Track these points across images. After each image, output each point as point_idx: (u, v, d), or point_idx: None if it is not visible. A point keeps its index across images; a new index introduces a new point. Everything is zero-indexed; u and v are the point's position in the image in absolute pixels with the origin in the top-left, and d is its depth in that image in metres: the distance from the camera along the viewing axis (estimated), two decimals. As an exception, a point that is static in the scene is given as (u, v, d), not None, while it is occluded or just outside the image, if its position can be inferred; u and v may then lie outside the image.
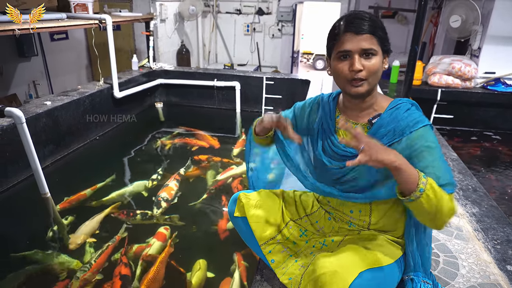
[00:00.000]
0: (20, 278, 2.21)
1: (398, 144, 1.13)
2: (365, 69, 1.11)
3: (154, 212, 2.82)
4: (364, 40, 1.10)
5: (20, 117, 2.70)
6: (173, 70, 5.49)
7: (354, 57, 1.11)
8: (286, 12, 6.98)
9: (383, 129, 1.16)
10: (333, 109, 1.31)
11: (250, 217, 1.40)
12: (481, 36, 4.68)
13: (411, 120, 1.14)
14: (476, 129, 4.81)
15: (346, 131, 1.20)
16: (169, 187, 3.14)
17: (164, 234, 2.62)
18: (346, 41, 1.11)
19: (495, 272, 1.55)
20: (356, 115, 1.25)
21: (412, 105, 1.21)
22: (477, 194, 2.22)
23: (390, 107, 1.20)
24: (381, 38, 1.13)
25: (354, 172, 1.22)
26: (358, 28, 1.10)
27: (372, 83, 1.15)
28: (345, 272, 1.08)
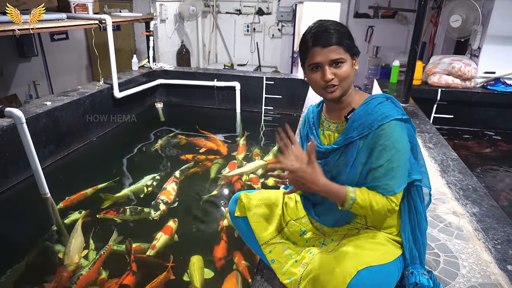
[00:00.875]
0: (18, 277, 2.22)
1: (365, 137, 1.21)
2: (336, 76, 1.20)
3: (153, 215, 2.78)
4: (331, 51, 1.18)
5: (20, 117, 2.70)
6: (173, 70, 5.49)
7: (324, 68, 1.20)
8: (286, 12, 6.98)
9: (356, 122, 1.24)
10: (317, 115, 1.42)
11: (250, 217, 1.41)
12: (481, 36, 4.67)
13: (380, 114, 1.19)
14: (476, 129, 4.81)
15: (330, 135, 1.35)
16: (167, 191, 3.08)
17: (171, 227, 2.64)
18: (315, 54, 1.20)
19: (496, 272, 1.55)
20: (338, 115, 1.32)
21: (387, 99, 1.26)
22: (477, 194, 2.22)
23: (363, 102, 1.27)
24: (347, 46, 1.21)
25: (335, 169, 1.30)
26: (324, 42, 1.18)
27: (345, 86, 1.23)
28: (343, 271, 1.08)
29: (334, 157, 1.30)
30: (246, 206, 1.43)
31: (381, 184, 1.18)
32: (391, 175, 1.17)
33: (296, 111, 5.12)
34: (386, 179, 1.17)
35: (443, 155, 2.79)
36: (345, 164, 1.26)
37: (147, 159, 3.93)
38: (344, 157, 1.27)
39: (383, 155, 1.17)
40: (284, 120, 5.18)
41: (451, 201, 2.15)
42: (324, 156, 1.32)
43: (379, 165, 1.18)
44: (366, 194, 1.18)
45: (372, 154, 1.20)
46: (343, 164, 1.27)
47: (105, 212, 2.82)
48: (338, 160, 1.29)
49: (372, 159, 1.19)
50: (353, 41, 1.25)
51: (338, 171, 1.29)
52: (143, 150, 4.13)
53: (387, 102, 1.24)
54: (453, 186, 2.32)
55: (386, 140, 1.17)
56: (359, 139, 1.22)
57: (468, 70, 4.54)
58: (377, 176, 1.18)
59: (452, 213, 2.02)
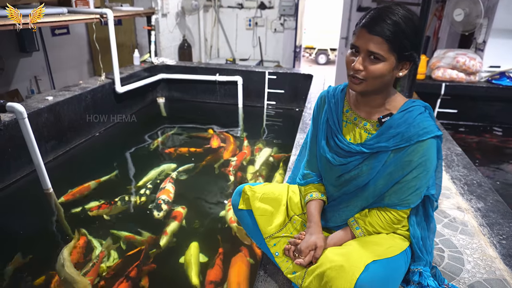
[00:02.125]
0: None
1: (401, 150, 1.14)
2: (366, 70, 1.10)
3: (156, 216, 2.72)
4: (373, 42, 1.07)
5: (22, 113, 2.69)
6: (175, 65, 5.46)
7: (360, 55, 1.10)
8: (289, 6, 6.92)
9: (393, 130, 1.16)
10: (340, 102, 1.30)
11: (255, 209, 1.39)
12: (486, 29, 4.62)
13: (421, 128, 1.12)
14: (480, 124, 4.78)
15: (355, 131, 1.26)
16: (166, 190, 3.02)
17: (181, 213, 2.77)
18: (359, 36, 1.10)
19: (501, 267, 1.54)
20: (368, 112, 1.24)
21: (426, 108, 1.19)
22: (482, 189, 2.20)
23: (402, 108, 1.18)
24: (396, 45, 1.07)
25: (357, 170, 1.22)
26: (372, 27, 1.06)
27: (372, 85, 1.12)
28: (351, 266, 1.07)
29: (357, 159, 1.22)
30: (250, 199, 1.41)
31: (401, 198, 1.18)
32: (415, 192, 1.17)
33: (299, 106, 5.09)
34: (407, 194, 1.17)
35: (447, 150, 2.77)
36: (369, 169, 1.20)
37: (148, 154, 3.92)
38: (370, 162, 1.20)
39: (413, 172, 1.15)
40: (286, 115, 5.15)
41: (456, 196, 2.13)
42: (346, 155, 1.24)
43: (406, 181, 1.16)
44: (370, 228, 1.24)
45: (401, 167, 1.15)
46: (366, 169, 1.21)
47: (97, 207, 2.80)
48: (362, 164, 1.22)
49: (400, 173, 1.16)
50: (414, 46, 1.10)
51: (357, 174, 1.23)
52: (144, 145, 4.12)
53: (426, 114, 1.17)
54: (458, 181, 2.30)
55: (421, 158, 1.13)
56: (393, 150, 1.16)
57: (473, 64, 4.49)
58: (399, 190, 1.17)
59: (457, 208, 2.00)
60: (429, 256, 1.30)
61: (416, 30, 1.09)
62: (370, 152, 1.19)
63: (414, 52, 1.11)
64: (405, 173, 1.15)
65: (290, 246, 1.28)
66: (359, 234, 1.25)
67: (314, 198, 1.36)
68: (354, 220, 1.28)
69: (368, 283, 1.05)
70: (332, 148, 1.28)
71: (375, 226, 1.24)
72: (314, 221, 1.30)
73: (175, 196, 3.01)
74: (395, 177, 1.17)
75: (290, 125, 4.73)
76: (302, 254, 1.22)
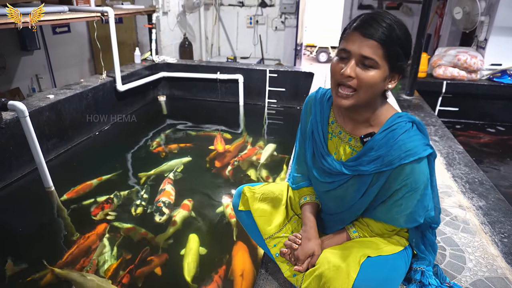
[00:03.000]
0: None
1: (383, 174, 1.08)
2: (357, 78, 1.00)
3: (157, 220, 2.65)
4: (368, 46, 0.98)
5: (23, 111, 2.69)
6: (176, 63, 5.46)
7: (350, 60, 1.00)
8: (289, 4, 6.91)
9: (374, 152, 1.07)
10: (326, 112, 1.22)
11: (254, 211, 1.39)
12: (487, 27, 4.60)
13: (403, 151, 1.02)
14: (481, 122, 4.77)
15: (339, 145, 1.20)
16: (166, 191, 2.95)
17: (188, 205, 2.84)
18: (350, 40, 1.00)
19: (503, 265, 1.54)
20: (352, 126, 1.16)
21: (413, 123, 1.08)
22: (483, 187, 2.19)
23: (385, 127, 1.08)
24: (390, 53, 0.99)
25: (342, 189, 1.20)
26: (367, 30, 0.98)
27: (363, 97, 1.02)
28: (348, 266, 1.07)
29: (342, 179, 1.17)
30: (249, 200, 1.41)
31: (388, 216, 1.16)
32: (403, 213, 1.12)
33: (300, 104, 5.09)
34: (394, 213, 1.14)
35: (448, 148, 2.77)
36: (355, 190, 1.16)
37: (149, 152, 3.92)
38: (355, 182, 1.15)
39: (399, 194, 1.09)
40: (287, 113, 5.15)
41: (457, 194, 2.13)
42: (331, 173, 1.19)
43: (393, 202, 1.12)
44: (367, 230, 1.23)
45: (388, 189, 1.10)
46: (352, 190, 1.17)
47: (100, 208, 2.78)
48: (347, 184, 1.17)
49: (388, 194, 1.11)
50: (405, 55, 1.02)
51: (344, 194, 1.20)
52: (146, 143, 4.13)
53: (412, 131, 1.06)
54: (459, 179, 2.30)
55: (406, 180, 1.05)
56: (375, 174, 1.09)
57: (474, 62, 4.48)
58: (390, 211, 1.14)
59: (458, 206, 2.00)
60: (431, 256, 1.29)
61: (408, 38, 1.03)
62: (352, 174, 1.14)
63: (405, 62, 1.05)
64: (393, 195, 1.11)
65: (287, 250, 1.24)
66: (356, 237, 1.23)
67: (308, 201, 1.34)
68: (351, 223, 1.26)
69: (366, 283, 1.05)
70: (317, 164, 1.25)
71: (373, 228, 1.21)
72: (310, 225, 1.26)
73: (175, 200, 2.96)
74: (384, 198, 1.14)
75: (291, 124, 4.74)
76: (299, 262, 1.20)
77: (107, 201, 2.87)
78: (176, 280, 2.23)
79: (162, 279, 2.23)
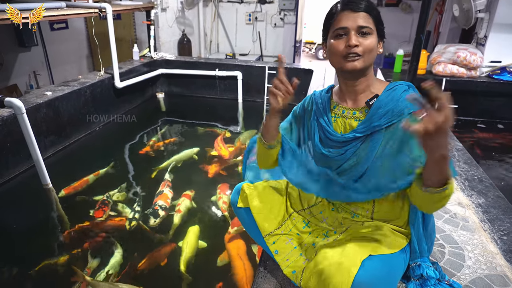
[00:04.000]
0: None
1: (392, 126, 1.14)
2: (361, 45, 1.13)
3: (152, 222, 2.61)
4: (360, 17, 1.13)
5: (20, 108, 2.68)
6: (175, 60, 5.44)
7: (350, 33, 1.13)
8: (289, 1, 6.88)
9: (382, 109, 1.16)
10: (327, 101, 1.32)
11: (253, 208, 1.38)
12: (487, 24, 4.59)
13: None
14: (481, 119, 4.76)
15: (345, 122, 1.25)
16: (164, 194, 2.90)
17: (189, 194, 2.94)
18: (343, 18, 1.14)
19: (502, 263, 1.53)
20: (354, 100, 1.25)
21: (409, 87, 1.21)
22: (483, 185, 2.19)
23: (387, 88, 1.21)
24: (377, 19, 1.16)
25: (355, 157, 1.21)
26: (355, 6, 1.13)
27: (367, 61, 1.15)
28: (349, 263, 1.06)
29: (354, 146, 1.21)
30: (248, 197, 1.40)
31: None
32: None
33: (299, 101, 5.03)
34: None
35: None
36: (367, 153, 1.18)
37: (149, 149, 3.91)
38: (366, 146, 1.19)
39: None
40: (286, 110, 5.12)
41: (457, 191, 2.12)
42: (341, 145, 1.23)
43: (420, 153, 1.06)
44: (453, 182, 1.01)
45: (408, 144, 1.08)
46: (364, 154, 1.19)
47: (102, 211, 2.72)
48: (359, 150, 1.21)
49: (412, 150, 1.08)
50: (382, 21, 1.20)
51: (356, 161, 1.22)
52: (143, 140, 4.11)
53: (410, 91, 1.18)
54: (459, 176, 2.29)
55: None
56: (386, 127, 1.15)
57: (474, 59, 4.47)
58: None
59: (458, 204, 1.99)
60: (428, 247, 1.29)
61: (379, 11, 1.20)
62: (365, 134, 1.19)
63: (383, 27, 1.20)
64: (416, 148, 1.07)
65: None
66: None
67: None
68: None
69: (366, 280, 1.04)
70: (326, 143, 1.28)
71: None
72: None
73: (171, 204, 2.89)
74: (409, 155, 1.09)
75: (290, 121, 4.72)
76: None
77: (104, 202, 2.81)
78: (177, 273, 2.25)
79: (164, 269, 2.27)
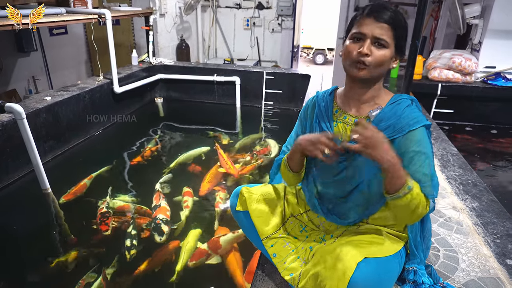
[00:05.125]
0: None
1: (395, 141, 1.17)
2: (372, 56, 1.14)
3: (158, 240, 2.51)
4: (380, 28, 1.14)
5: (20, 113, 2.70)
6: (173, 65, 5.47)
7: (366, 40, 1.15)
8: (286, 7, 6.94)
9: (384, 123, 1.19)
10: (330, 105, 1.33)
11: (252, 211, 1.40)
12: (481, 30, 4.66)
13: (411, 119, 1.16)
14: (476, 124, 4.81)
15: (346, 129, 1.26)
16: (163, 208, 2.79)
17: (190, 191, 3.06)
18: (364, 24, 1.16)
19: (495, 266, 1.56)
20: (357, 107, 1.26)
21: (412, 101, 1.24)
22: (477, 189, 2.22)
23: (391, 101, 1.22)
24: (398, 34, 1.16)
25: (352, 168, 1.23)
26: (379, 15, 1.14)
27: (374, 72, 1.17)
28: (345, 265, 1.08)
29: (354, 155, 1.22)
30: (247, 201, 1.43)
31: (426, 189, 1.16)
32: (426, 180, 1.15)
33: (296, 106, 5.11)
34: (425, 184, 1.15)
35: (443, 150, 2.80)
36: (365, 165, 1.20)
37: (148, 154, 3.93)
38: (364, 157, 1.16)
39: (415, 162, 1.15)
40: (284, 115, 5.18)
41: (451, 196, 2.15)
42: (340, 152, 1.21)
43: (413, 172, 1.14)
44: (419, 189, 1.12)
45: (403, 161, 1.14)
46: (362, 165, 1.21)
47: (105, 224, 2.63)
48: (357, 160, 1.22)
49: (404, 166, 1.13)
50: (406, 38, 1.19)
51: (354, 171, 1.24)
52: (142, 145, 4.13)
53: (413, 106, 1.21)
54: (453, 181, 2.33)
55: (417, 147, 1.15)
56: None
57: (469, 64, 4.53)
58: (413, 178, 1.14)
59: (452, 207, 2.03)
60: (424, 254, 1.32)
61: (406, 24, 1.19)
62: None
63: (405, 44, 1.20)
64: (408, 165, 1.15)
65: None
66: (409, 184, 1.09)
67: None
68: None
69: (361, 283, 1.06)
70: None
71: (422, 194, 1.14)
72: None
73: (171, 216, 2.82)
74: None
75: (288, 125, 4.72)
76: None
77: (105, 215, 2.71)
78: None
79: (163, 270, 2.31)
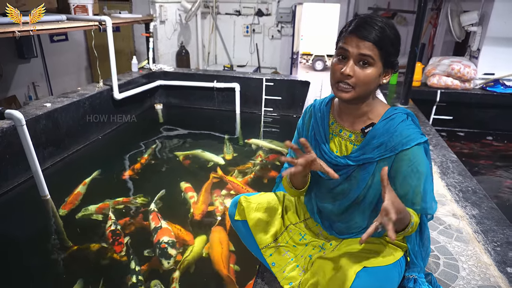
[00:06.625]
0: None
1: (387, 159, 1.14)
2: (355, 76, 1.09)
3: (166, 266, 2.33)
4: (364, 47, 1.08)
5: (20, 119, 2.70)
6: (173, 71, 5.49)
7: (349, 60, 1.10)
8: (286, 13, 6.99)
9: (376, 140, 1.15)
10: (326, 115, 1.30)
11: (250, 220, 1.40)
12: (480, 37, 4.69)
13: (404, 137, 1.12)
14: (475, 130, 4.82)
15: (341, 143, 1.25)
16: (165, 229, 2.61)
17: (190, 186, 3.20)
18: (348, 41, 1.10)
19: (495, 274, 1.56)
20: (351, 122, 1.23)
21: (408, 115, 1.19)
22: (477, 196, 2.22)
23: (384, 117, 1.18)
24: (384, 52, 1.09)
25: (347, 183, 1.22)
26: (363, 33, 1.07)
27: (360, 92, 1.12)
28: (344, 274, 1.08)
29: (345, 173, 1.22)
30: (245, 210, 1.42)
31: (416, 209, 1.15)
32: (420, 199, 1.14)
33: (296, 112, 5.12)
34: (417, 204, 1.15)
35: (442, 157, 2.80)
36: (358, 181, 1.20)
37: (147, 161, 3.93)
38: (358, 174, 1.20)
39: (408, 182, 1.13)
40: (284, 121, 5.18)
41: (451, 203, 2.15)
42: (334, 168, 1.20)
43: (406, 192, 1.14)
44: (417, 218, 1.14)
45: (395, 180, 1.14)
46: (355, 182, 1.21)
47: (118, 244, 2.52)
48: (350, 176, 1.21)
49: (397, 185, 1.14)
50: (396, 51, 1.13)
51: (348, 187, 1.23)
52: (142, 151, 4.13)
53: (408, 121, 1.16)
54: (453, 188, 2.33)
55: (410, 166, 1.12)
56: (378, 161, 1.16)
57: (468, 71, 4.55)
58: (407, 202, 1.14)
59: (452, 215, 2.02)
60: (423, 262, 1.31)
61: (398, 37, 1.13)
62: (356, 164, 1.19)
63: (396, 59, 1.15)
64: (401, 184, 1.14)
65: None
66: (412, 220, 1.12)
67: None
68: None
69: None
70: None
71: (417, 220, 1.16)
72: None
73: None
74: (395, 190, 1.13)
75: (288, 132, 4.76)
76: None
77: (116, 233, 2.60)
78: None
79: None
